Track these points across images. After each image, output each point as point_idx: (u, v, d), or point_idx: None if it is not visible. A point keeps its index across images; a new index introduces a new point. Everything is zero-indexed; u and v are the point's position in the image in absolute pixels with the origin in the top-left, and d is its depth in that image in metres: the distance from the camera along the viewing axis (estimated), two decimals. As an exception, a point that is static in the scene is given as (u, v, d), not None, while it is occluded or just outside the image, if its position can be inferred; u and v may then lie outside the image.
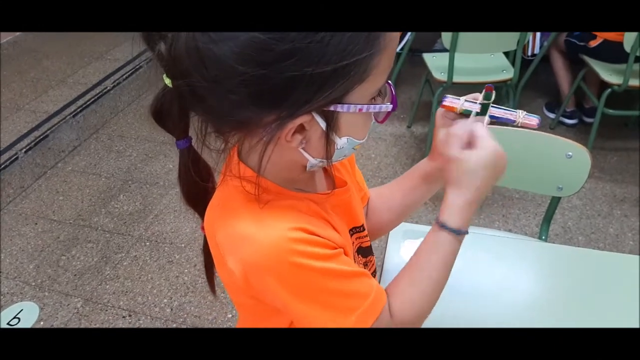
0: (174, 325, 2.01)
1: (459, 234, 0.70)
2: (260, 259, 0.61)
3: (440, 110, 0.78)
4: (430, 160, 0.85)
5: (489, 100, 0.72)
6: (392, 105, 0.65)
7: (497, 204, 2.50)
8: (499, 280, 1.13)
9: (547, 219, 1.62)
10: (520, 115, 0.73)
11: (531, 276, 1.16)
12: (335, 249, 0.66)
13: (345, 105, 0.60)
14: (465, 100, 0.74)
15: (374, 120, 0.67)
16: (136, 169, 2.92)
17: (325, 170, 0.80)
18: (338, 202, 0.77)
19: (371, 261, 0.88)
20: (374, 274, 0.88)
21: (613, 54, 2.53)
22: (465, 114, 0.74)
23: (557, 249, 1.24)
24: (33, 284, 2.22)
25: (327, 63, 0.55)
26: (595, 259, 1.20)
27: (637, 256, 1.13)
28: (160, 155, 3.00)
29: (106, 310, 2.08)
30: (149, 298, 2.13)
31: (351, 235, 0.80)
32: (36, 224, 2.56)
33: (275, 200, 0.67)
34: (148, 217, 2.55)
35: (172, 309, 2.07)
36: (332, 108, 0.60)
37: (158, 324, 2.01)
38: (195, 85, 0.58)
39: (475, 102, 0.73)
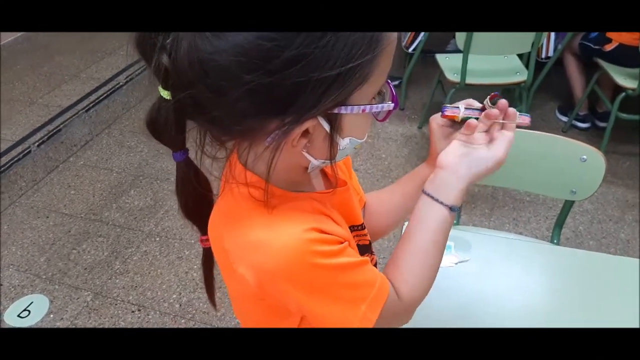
0: (183, 321, 2.02)
1: (454, 210, 0.73)
2: (278, 264, 0.61)
3: (435, 120, 0.80)
4: (428, 166, 0.86)
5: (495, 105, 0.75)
6: (393, 104, 0.66)
7: (508, 207, 2.49)
8: (510, 282, 1.13)
9: (559, 223, 1.61)
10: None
11: (542, 279, 1.16)
12: (342, 242, 0.67)
13: (349, 107, 0.61)
14: (465, 108, 0.77)
15: (376, 119, 0.68)
16: (147, 164, 2.93)
17: (322, 171, 0.81)
18: (339, 201, 0.77)
19: (372, 260, 0.88)
20: None
21: (628, 58, 2.52)
22: (465, 121, 0.77)
23: (567, 253, 1.23)
24: (44, 276, 2.24)
25: (332, 67, 0.55)
26: (606, 263, 1.19)
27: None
28: (171, 152, 3.01)
29: (115, 305, 2.10)
30: (158, 293, 2.14)
31: (350, 232, 0.80)
32: (47, 217, 2.58)
33: (281, 204, 0.67)
34: (158, 212, 2.57)
35: (180, 305, 2.08)
36: (336, 110, 0.60)
37: (167, 319, 2.03)
38: (199, 96, 0.57)
39: (474, 109, 0.77)
